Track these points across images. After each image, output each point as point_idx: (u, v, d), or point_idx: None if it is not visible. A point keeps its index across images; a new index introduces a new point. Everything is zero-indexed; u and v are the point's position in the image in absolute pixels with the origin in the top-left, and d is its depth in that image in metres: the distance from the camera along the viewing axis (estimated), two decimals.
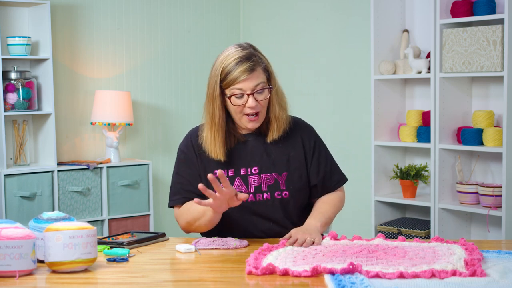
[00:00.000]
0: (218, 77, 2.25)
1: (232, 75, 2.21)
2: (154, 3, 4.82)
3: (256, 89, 2.22)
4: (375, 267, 1.76)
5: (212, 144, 2.27)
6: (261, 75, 2.24)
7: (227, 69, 2.22)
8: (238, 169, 2.29)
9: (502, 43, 3.49)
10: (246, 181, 2.29)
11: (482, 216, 3.80)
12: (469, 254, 1.89)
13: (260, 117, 2.27)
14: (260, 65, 2.24)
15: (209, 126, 2.28)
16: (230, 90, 2.23)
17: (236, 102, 2.23)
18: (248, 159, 2.31)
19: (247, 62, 2.21)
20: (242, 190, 2.28)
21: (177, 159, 2.38)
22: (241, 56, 2.22)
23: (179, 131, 4.99)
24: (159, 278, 1.79)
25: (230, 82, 2.22)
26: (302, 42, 4.80)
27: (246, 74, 2.20)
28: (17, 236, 1.81)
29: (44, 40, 4.16)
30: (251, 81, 2.21)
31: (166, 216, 4.91)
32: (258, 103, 2.23)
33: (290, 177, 2.31)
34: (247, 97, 2.22)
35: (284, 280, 1.76)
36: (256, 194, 2.28)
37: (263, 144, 2.33)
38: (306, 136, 2.38)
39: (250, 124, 2.26)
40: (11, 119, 4.17)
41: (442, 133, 3.78)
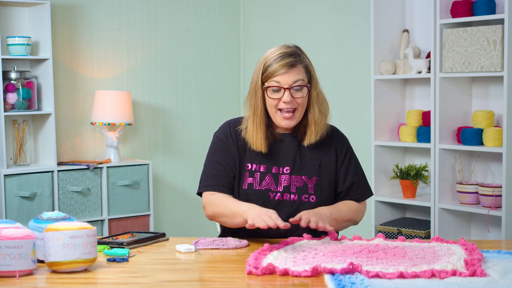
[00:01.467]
0: (260, 70, 2.28)
1: (272, 68, 2.25)
2: (154, 3, 4.83)
3: (293, 85, 2.24)
4: (375, 267, 1.76)
5: (255, 136, 2.29)
6: (301, 73, 2.26)
7: (269, 62, 2.26)
8: (271, 167, 2.31)
9: (502, 43, 3.49)
10: (277, 180, 2.30)
11: (482, 216, 3.80)
12: (469, 254, 1.89)
13: (296, 116, 2.28)
14: (301, 63, 2.27)
15: (252, 119, 2.30)
16: (269, 83, 2.26)
17: (272, 95, 2.26)
18: (281, 159, 2.32)
19: (289, 58, 2.25)
20: (271, 188, 2.29)
21: (212, 146, 2.40)
22: (284, 52, 2.27)
23: (179, 131, 4.99)
24: (159, 278, 1.79)
25: (269, 75, 2.25)
26: (302, 42, 4.77)
27: (285, 68, 2.23)
28: (17, 236, 1.81)
29: (44, 40, 4.16)
30: (289, 76, 2.24)
31: (166, 216, 4.91)
32: (294, 100, 2.25)
33: (319, 182, 2.32)
34: (283, 92, 2.24)
35: (284, 280, 1.76)
36: (284, 194, 2.29)
37: (298, 146, 2.34)
38: (340, 145, 2.39)
39: (284, 121, 2.28)
40: (11, 119, 4.17)
41: (442, 133, 3.78)
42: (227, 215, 2.23)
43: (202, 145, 5.10)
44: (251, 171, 2.31)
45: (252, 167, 2.31)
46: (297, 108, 2.27)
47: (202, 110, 5.10)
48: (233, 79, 5.24)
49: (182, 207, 5.00)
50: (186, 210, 5.02)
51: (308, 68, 2.29)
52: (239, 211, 2.18)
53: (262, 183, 2.30)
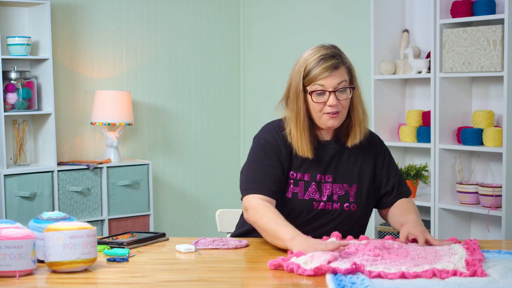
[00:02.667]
0: (301, 73, 2.21)
1: (315, 72, 2.19)
2: (154, 3, 4.83)
3: (338, 87, 2.19)
4: (378, 267, 1.76)
5: (299, 141, 2.24)
6: (344, 74, 2.22)
7: (310, 66, 2.20)
8: (315, 175, 2.26)
9: (502, 43, 3.49)
10: (320, 189, 2.26)
11: (482, 216, 3.80)
12: (470, 254, 1.89)
13: (340, 116, 2.23)
14: (343, 64, 2.22)
15: (294, 124, 2.24)
16: (312, 87, 2.20)
17: (317, 99, 2.20)
18: (324, 166, 2.27)
19: (331, 60, 2.19)
20: (315, 197, 2.25)
21: (261, 148, 2.29)
22: (325, 54, 2.21)
23: (179, 131, 4.99)
24: (159, 278, 1.79)
25: (312, 79, 2.19)
26: (302, 42, 4.80)
27: (329, 71, 2.18)
28: (17, 236, 1.81)
29: (44, 40, 4.16)
30: (333, 78, 2.19)
31: (166, 216, 4.91)
32: (339, 102, 2.20)
33: (359, 189, 2.29)
34: (328, 95, 2.19)
35: (285, 280, 1.76)
36: (327, 203, 2.26)
37: (339, 152, 2.30)
38: (379, 149, 2.37)
39: (330, 121, 2.22)
40: (11, 119, 4.17)
41: (442, 133, 3.78)
42: (268, 233, 2.11)
43: (202, 145, 5.10)
44: (296, 179, 2.25)
45: (296, 175, 2.26)
46: (341, 110, 2.22)
47: (202, 110, 5.10)
48: (233, 79, 5.24)
49: (182, 207, 5.00)
50: (186, 210, 5.02)
51: (350, 68, 2.25)
52: (281, 236, 2.04)
53: (306, 192, 2.25)
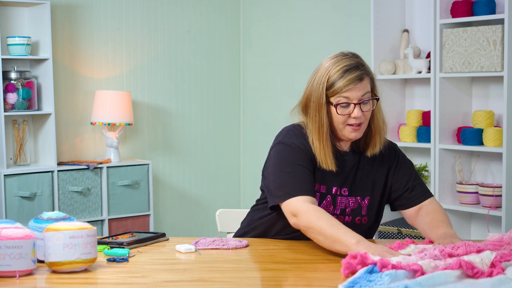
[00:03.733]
0: (324, 84, 2.15)
1: (339, 84, 2.13)
2: (154, 3, 4.83)
3: (363, 99, 2.14)
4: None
5: (323, 154, 2.17)
6: (368, 85, 2.16)
7: (334, 77, 2.14)
8: (331, 188, 2.22)
9: (502, 43, 3.49)
10: (335, 202, 2.22)
11: (482, 216, 3.80)
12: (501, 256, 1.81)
13: (362, 128, 2.19)
14: (367, 75, 2.16)
15: (317, 136, 2.17)
16: (336, 99, 2.14)
17: (341, 111, 2.14)
18: (342, 179, 2.22)
19: (356, 71, 2.14)
20: (329, 210, 2.20)
21: (290, 153, 2.19)
22: (349, 65, 2.14)
23: (179, 131, 4.99)
24: (159, 278, 1.79)
25: (337, 90, 2.13)
26: (302, 42, 4.80)
27: (354, 83, 2.12)
28: (17, 236, 1.81)
29: (44, 40, 4.16)
30: (358, 90, 2.13)
31: (166, 216, 4.91)
32: (363, 114, 2.15)
33: (371, 202, 2.26)
34: (353, 107, 2.14)
35: (285, 280, 1.76)
36: (339, 216, 2.22)
37: (357, 164, 2.26)
38: (392, 157, 2.32)
39: (353, 134, 2.17)
40: (11, 119, 4.17)
41: (442, 133, 3.78)
42: (327, 237, 2.00)
43: (202, 145, 5.10)
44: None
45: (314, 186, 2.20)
46: (364, 122, 2.18)
47: (202, 110, 5.10)
48: (233, 79, 5.24)
49: (182, 207, 5.00)
50: (186, 210, 5.02)
51: (373, 79, 2.21)
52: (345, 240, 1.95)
53: (321, 205, 2.20)
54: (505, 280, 1.62)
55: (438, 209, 2.26)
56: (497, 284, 1.61)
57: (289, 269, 1.88)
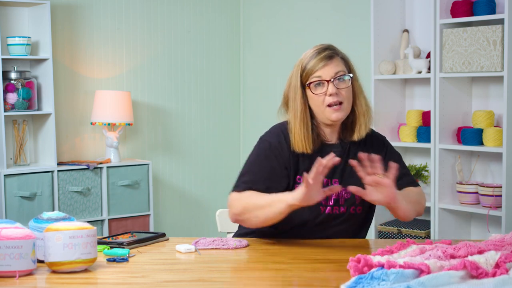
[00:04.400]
0: (299, 71, 2.24)
1: (311, 64, 2.21)
2: (154, 3, 4.83)
3: (335, 76, 2.20)
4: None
5: (298, 136, 2.22)
6: (340, 64, 2.23)
7: (306, 60, 2.23)
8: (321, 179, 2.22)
9: (502, 43, 3.49)
10: None
11: (482, 216, 3.80)
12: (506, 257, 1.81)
13: (343, 108, 2.22)
14: (338, 55, 2.24)
15: (294, 120, 2.23)
16: (310, 79, 2.22)
17: (315, 90, 2.21)
18: (331, 170, 2.21)
19: (325, 51, 2.23)
20: (322, 202, 2.21)
21: (262, 150, 2.27)
22: (319, 48, 2.25)
23: (179, 131, 4.99)
24: (159, 278, 1.79)
25: (309, 72, 2.22)
26: (302, 42, 4.80)
27: (324, 61, 2.20)
28: (17, 236, 1.81)
29: (44, 40, 4.16)
30: (330, 68, 2.20)
31: (166, 216, 4.91)
32: (339, 91, 2.20)
33: None
34: (327, 85, 2.20)
35: (285, 280, 1.76)
36: (334, 207, 2.24)
37: (346, 156, 2.27)
38: (380, 145, 2.35)
39: (334, 114, 2.20)
40: (11, 119, 4.17)
41: (442, 133, 3.78)
42: (262, 205, 2.10)
43: (202, 145, 5.10)
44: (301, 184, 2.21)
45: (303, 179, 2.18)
46: (343, 101, 2.21)
47: (202, 110, 5.10)
48: (233, 79, 5.24)
49: (182, 207, 5.00)
50: (186, 210, 5.02)
51: (346, 60, 2.27)
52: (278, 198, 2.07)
53: None
54: (508, 280, 1.61)
55: (416, 190, 2.31)
56: (500, 284, 1.61)
57: (289, 269, 1.88)
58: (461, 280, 1.64)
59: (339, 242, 2.24)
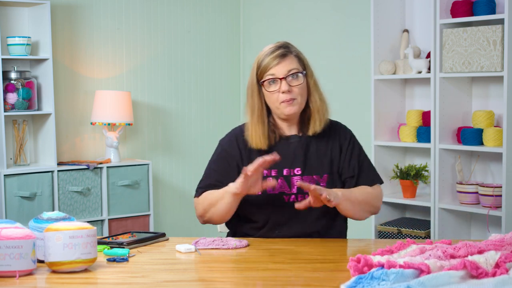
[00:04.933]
0: (255, 70, 2.33)
1: (265, 62, 2.30)
2: (154, 3, 4.83)
3: (288, 74, 2.28)
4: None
5: (253, 133, 2.32)
6: (294, 62, 2.30)
7: (261, 59, 2.32)
8: (281, 169, 2.32)
9: (502, 43, 3.49)
10: (289, 182, 2.30)
11: (482, 216, 3.80)
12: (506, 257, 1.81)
13: (296, 103, 2.30)
14: (291, 53, 2.31)
15: (250, 118, 2.34)
16: (264, 77, 2.29)
17: (269, 88, 2.29)
18: (291, 160, 2.32)
19: (278, 50, 2.30)
20: (285, 191, 2.29)
21: (215, 153, 2.43)
22: (273, 47, 2.33)
23: (179, 131, 4.99)
24: (159, 278, 1.79)
25: (263, 70, 2.30)
26: (302, 42, 4.78)
27: (277, 60, 2.28)
28: (17, 236, 1.81)
29: (44, 40, 4.16)
30: (283, 66, 2.28)
31: (166, 216, 4.91)
32: (292, 89, 2.28)
33: (330, 179, 2.32)
34: (280, 82, 2.27)
35: (285, 280, 1.76)
36: (298, 195, 2.29)
37: (305, 144, 2.35)
38: (343, 136, 2.40)
39: (287, 109, 2.29)
40: (11, 119, 4.17)
41: (442, 133, 3.78)
42: (216, 201, 2.26)
43: (202, 145, 5.10)
44: (264, 177, 2.27)
45: (263, 172, 2.28)
46: (296, 97, 2.29)
47: (202, 110, 5.10)
48: (233, 79, 5.24)
49: (182, 207, 5.00)
50: (186, 210, 5.02)
51: (300, 57, 2.34)
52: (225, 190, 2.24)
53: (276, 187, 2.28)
54: (508, 280, 1.61)
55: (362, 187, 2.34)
56: (500, 284, 1.61)
57: (289, 269, 1.88)
58: (461, 280, 1.64)
59: (339, 242, 2.24)
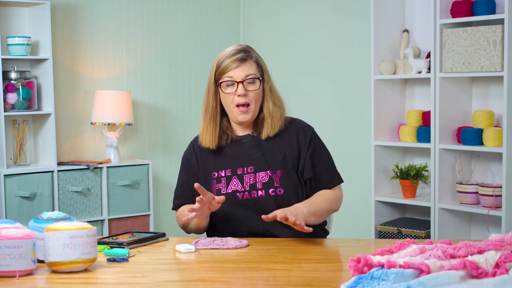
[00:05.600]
0: (214, 70, 2.38)
1: (224, 64, 2.34)
2: (154, 3, 4.83)
3: (246, 79, 2.33)
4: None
5: (204, 132, 2.39)
6: (253, 67, 2.35)
7: (221, 60, 2.36)
8: (235, 169, 2.36)
9: (502, 43, 3.49)
10: (242, 180, 2.35)
11: (482, 216, 3.80)
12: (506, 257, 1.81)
13: (250, 110, 2.35)
14: (251, 58, 2.36)
15: (203, 117, 2.40)
16: (222, 78, 2.34)
17: (226, 89, 2.34)
18: (244, 159, 2.37)
19: (239, 53, 2.34)
20: (238, 188, 2.33)
21: (181, 164, 2.50)
22: (234, 49, 2.37)
23: (179, 131, 4.99)
24: (159, 278, 1.79)
25: (222, 71, 2.34)
26: (302, 42, 4.80)
27: (236, 63, 2.32)
28: (17, 236, 1.81)
29: (44, 40, 4.16)
30: (241, 70, 2.33)
31: (166, 216, 4.91)
32: (248, 93, 2.33)
33: (284, 175, 2.34)
34: (237, 85, 2.32)
35: (285, 280, 1.76)
36: (251, 192, 2.33)
37: (258, 144, 2.39)
38: (302, 134, 2.41)
39: (240, 116, 2.35)
40: (11, 119, 4.17)
41: (442, 133, 3.78)
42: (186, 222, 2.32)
43: None
44: (218, 178, 2.36)
45: (218, 174, 2.37)
46: (251, 102, 2.33)
47: None
48: None
49: None
50: None
51: (259, 63, 2.38)
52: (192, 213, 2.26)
53: (229, 186, 2.34)
54: (508, 280, 1.61)
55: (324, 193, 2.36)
56: (500, 284, 1.61)
57: (289, 269, 1.88)
58: (461, 280, 1.64)
59: (339, 242, 2.24)
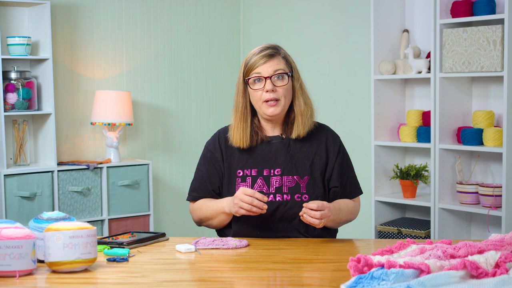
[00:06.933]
0: (242, 68, 2.37)
1: (252, 61, 2.33)
2: (154, 3, 4.83)
3: (274, 74, 2.31)
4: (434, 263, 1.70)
5: (236, 131, 2.38)
6: (281, 63, 2.34)
7: (249, 58, 2.36)
8: (262, 170, 2.35)
9: (502, 43, 3.49)
10: (268, 182, 2.33)
11: (482, 216, 3.80)
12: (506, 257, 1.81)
13: (280, 104, 2.33)
14: (279, 54, 2.35)
15: (234, 116, 2.40)
16: (251, 75, 2.34)
17: (254, 86, 2.33)
18: (272, 161, 2.35)
19: (267, 50, 2.34)
20: (263, 190, 2.32)
21: (201, 155, 2.48)
22: (263, 46, 2.37)
23: (179, 131, 4.99)
24: (159, 278, 1.79)
25: (250, 68, 2.34)
26: (302, 42, 4.80)
27: (264, 59, 2.31)
28: (17, 236, 1.81)
29: (44, 40, 4.16)
30: (269, 65, 2.32)
31: (166, 216, 4.91)
32: (276, 89, 2.31)
33: (311, 181, 2.33)
34: (265, 81, 2.31)
35: (285, 280, 1.76)
36: (277, 195, 2.31)
37: (287, 146, 2.38)
38: (332, 142, 2.43)
39: (269, 109, 2.33)
40: (11, 119, 4.17)
41: (442, 133, 3.78)
42: (211, 217, 2.36)
43: (202, 145, 5.08)
44: (243, 176, 2.35)
45: (243, 172, 2.35)
46: (280, 98, 2.32)
47: (202, 110, 5.10)
48: (233, 79, 5.24)
49: (182, 207, 5.00)
50: (186, 210, 5.02)
51: (288, 60, 2.37)
52: (218, 209, 2.31)
53: (254, 186, 2.32)
54: (508, 280, 1.61)
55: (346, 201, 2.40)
56: (500, 284, 1.61)
57: (289, 269, 1.88)
58: (461, 280, 1.64)
59: (339, 242, 2.24)
